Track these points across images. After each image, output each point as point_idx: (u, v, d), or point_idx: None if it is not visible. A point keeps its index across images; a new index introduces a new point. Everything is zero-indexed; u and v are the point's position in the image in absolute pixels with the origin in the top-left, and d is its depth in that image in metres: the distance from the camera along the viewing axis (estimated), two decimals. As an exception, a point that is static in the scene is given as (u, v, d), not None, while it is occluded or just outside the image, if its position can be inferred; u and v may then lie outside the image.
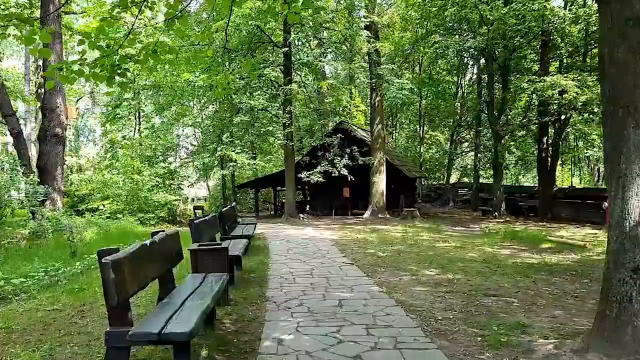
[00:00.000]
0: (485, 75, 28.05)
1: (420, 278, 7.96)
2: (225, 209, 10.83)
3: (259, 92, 19.06)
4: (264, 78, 18.72)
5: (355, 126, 26.80)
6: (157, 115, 28.02)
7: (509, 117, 22.99)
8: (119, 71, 5.13)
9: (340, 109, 24.05)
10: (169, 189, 20.85)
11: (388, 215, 21.88)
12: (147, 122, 29.09)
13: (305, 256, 10.26)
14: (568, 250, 11.42)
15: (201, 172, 25.50)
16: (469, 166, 42.70)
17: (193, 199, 52.89)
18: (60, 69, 4.92)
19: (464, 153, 40.71)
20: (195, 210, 19.98)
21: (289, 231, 16.08)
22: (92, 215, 16.32)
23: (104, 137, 33.24)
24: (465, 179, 42.48)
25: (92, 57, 5.16)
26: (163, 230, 4.96)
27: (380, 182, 21.89)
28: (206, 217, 8.01)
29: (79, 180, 22.58)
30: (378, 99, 22.11)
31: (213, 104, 20.50)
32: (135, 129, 28.26)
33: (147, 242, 4.24)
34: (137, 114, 28.89)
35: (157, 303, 4.57)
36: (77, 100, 33.76)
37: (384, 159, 22.24)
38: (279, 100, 19.19)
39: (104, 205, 17.55)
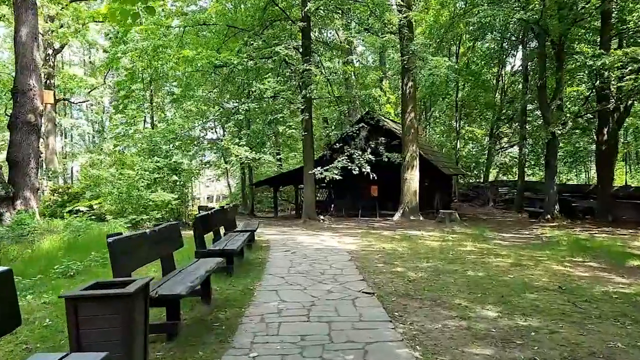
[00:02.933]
0: (533, 61, 24.91)
1: (474, 325, 5.14)
2: (205, 213, 8.24)
3: (269, 74, 16.33)
4: (276, 58, 15.99)
5: (385, 117, 23.97)
6: (171, 105, 25.64)
7: (563, 103, 19.69)
8: None
9: (368, 97, 21.19)
10: (174, 186, 18.46)
11: (421, 218, 18.97)
12: (161, 115, 26.95)
13: (310, 278, 7.54)
14: (670, 271, 8.41)
15: (210, 167, 22.83)
16: (508, 163, 39.32)
17: (218, 197, 50.77)
18: None
19: (503, 149, 37.28)
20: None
21: (302, 237, 13.39)
22: (74, 217, 14.03)
23: (111, 131, 31.30)
24: (502, 177, 39.04)
25: None
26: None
27: (412, 180, 18.98)
28: (154, 229, 5.40)
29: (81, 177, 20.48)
30: (410, 84, 19.19)
31: (217, 89, 17.88)
32: (145, 121, 26.11)
33: None
34: (150, 103, 26.86)
35: None
36: (89, 92, 31.93)
37: (417, 152, 19.32)
38: (293, 84, 16.44)
39: (91, 206, 15.27)
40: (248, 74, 16.42)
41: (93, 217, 14.60)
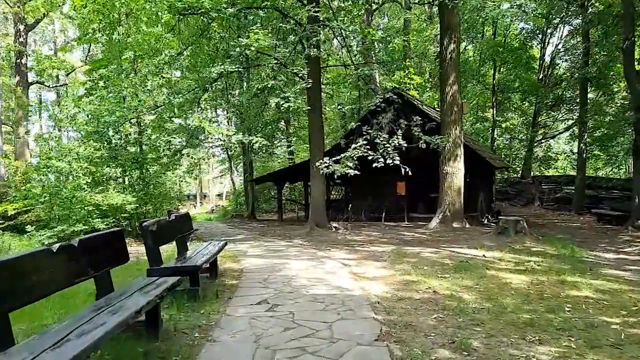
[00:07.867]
0: (599, 24, 20.00)
1: None
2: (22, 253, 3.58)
3: (257, 25, 11.45)
4: (267, 3, 11.26)
5: (413, 98, 19.15)
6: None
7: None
8: None
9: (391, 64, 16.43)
10: (136, 184, 14.00)
11: (467, 225, 14.17)
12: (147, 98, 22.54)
13: None
14: None
15: (180, 156, 18.05)
16: (554, 155, 34.30)
17: (227, 195, 46.26)
18: None
19: (551, 137, 32.28)
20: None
21: (298, 264, 8.60)
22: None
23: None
24: (536, 172, 33.80)
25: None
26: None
27: (456, 174, 14.16)
28: None
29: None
30: (452, 46, 14.38)
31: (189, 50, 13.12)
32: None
33: None
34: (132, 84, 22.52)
35: None
36: (68, 75, 27.79)
37: (462, 138, 14.49)
38: (293, 39, 11.63)
39: (6, 212, 10.83)
40: (228, 25, 11.70)
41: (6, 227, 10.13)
